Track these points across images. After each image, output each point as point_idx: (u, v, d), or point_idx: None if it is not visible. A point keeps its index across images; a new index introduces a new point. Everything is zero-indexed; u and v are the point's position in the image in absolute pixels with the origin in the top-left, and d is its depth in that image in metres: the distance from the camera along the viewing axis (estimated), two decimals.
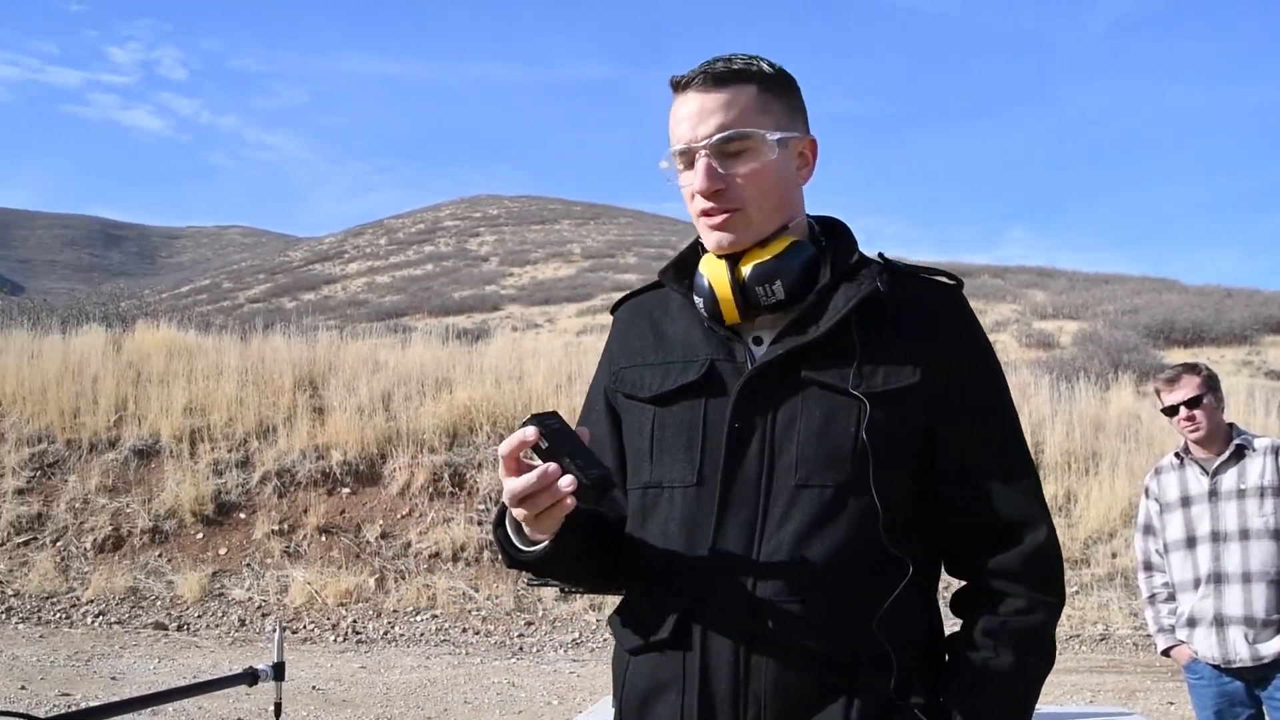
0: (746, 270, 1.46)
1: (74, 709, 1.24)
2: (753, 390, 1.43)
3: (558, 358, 12.84)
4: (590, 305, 37.24)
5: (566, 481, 1.27)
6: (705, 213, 1.47)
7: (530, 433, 1.29)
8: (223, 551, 10.21)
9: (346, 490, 10.78)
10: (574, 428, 1.35)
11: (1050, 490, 10.66)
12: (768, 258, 1.45)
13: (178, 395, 11.60)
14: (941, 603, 1.54)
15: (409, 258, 57.48)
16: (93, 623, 9.21)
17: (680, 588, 1.42)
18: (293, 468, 10.92)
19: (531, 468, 1.31)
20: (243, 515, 10.59)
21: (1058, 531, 1.46)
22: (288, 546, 10.22)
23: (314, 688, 7.35)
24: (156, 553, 10.18)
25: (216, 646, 8.70)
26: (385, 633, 9.16)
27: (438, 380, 11.96)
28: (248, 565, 10.08)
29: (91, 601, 9.50)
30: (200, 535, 10.37)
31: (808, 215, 1.56)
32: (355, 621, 9.33)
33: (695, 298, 1.51)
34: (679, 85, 1.48)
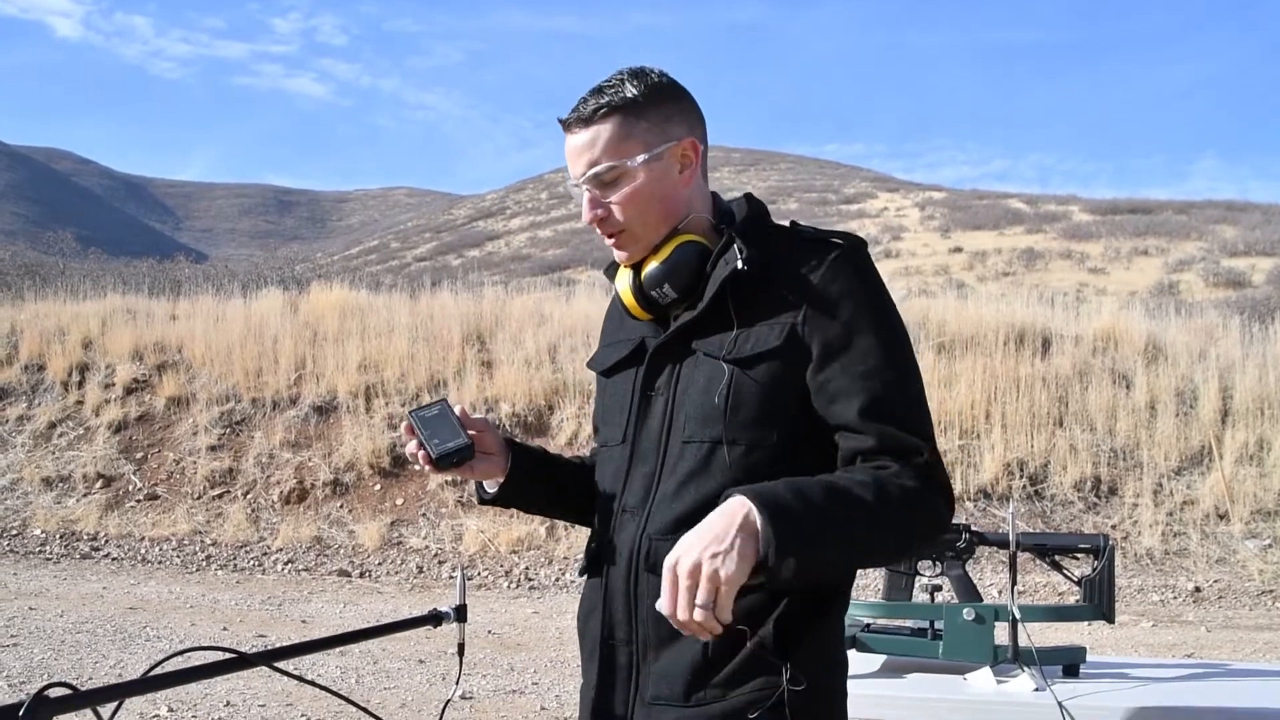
0: (643, 274, 1.67)
1: (274, 647, 1.35)
2: (658, 361, 1.66)
3: None
4: None
5: (420, 457, 1.68)
6: (602, 234, 1.68)
7: (403, 427, 1.73)
8: (399, 502, 10.55)
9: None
10: (454, 411, 1.71)
11: (1241, 438, 10.17)
12: (656, 264, 1.65)
13: (352, 353, 12.01)
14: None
15: (570, 211, 58.03)
16: (282, 570, 9.70)
17: (602, 527, 1.70)
18: None
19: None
20: (417, 467, 10.93)
21: (1249, 481, 1.49)
22: (461, 497, 10.49)
23: (489, 632, 7.52)
24: (338, 504, 10.63)
25: (397, 592, 9.01)
26: (556, 579, 9.35)
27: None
28: (424, 515, 10.40)
29: (280, 550, 10.02)
30: (378, 487, 10.77)
31: (725, 200, 1.73)
32: (527, 569, 9.54)
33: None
34: (563, 127, 1.66)
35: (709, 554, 1.34)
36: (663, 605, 1.35)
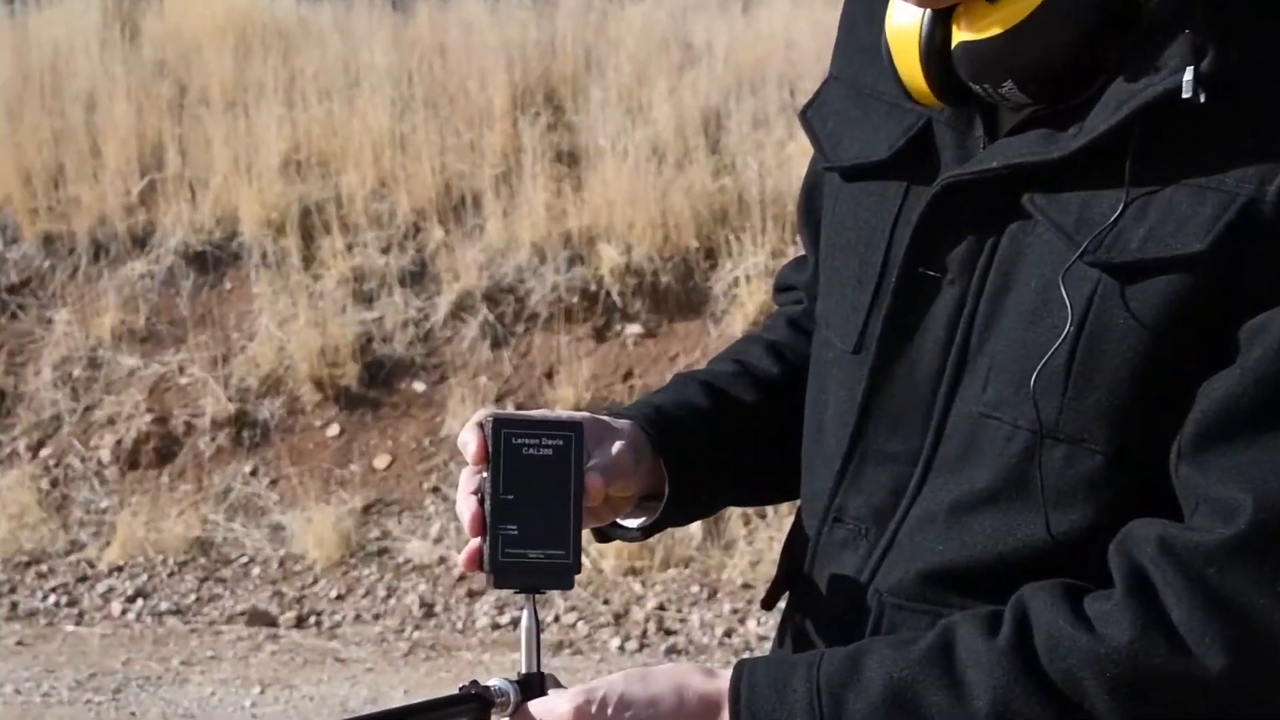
0: (954, 44, 1.64)
1: None
2: (953, 206, 1.67)
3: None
4: None
5: (466, 557, 1.74)
6: None
7: (472, 442, 1.72)
8: (377, 467, 10.50)
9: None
10: (580, 470, 1.72)
11: None
12: (990, 34, 1.59)
13: (268, 135, 11.62)
14: None
15: None
16: (130, 614, 9.73)
17: (801, 526, 1.88)
18: (523, 283, 11.03)
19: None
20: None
21: None
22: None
23: None
24: (244, 464, 10.49)
25: (374, 654, 9.18)
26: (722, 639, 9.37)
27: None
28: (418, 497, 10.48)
29: (120, 570, 9.89)
30: (331, 429, 10.70)
31: None
32: (664, 609, 9.63)
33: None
34: None
35: None
36: None
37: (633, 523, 1.89)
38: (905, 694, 1.50)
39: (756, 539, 9.92)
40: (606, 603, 9.70)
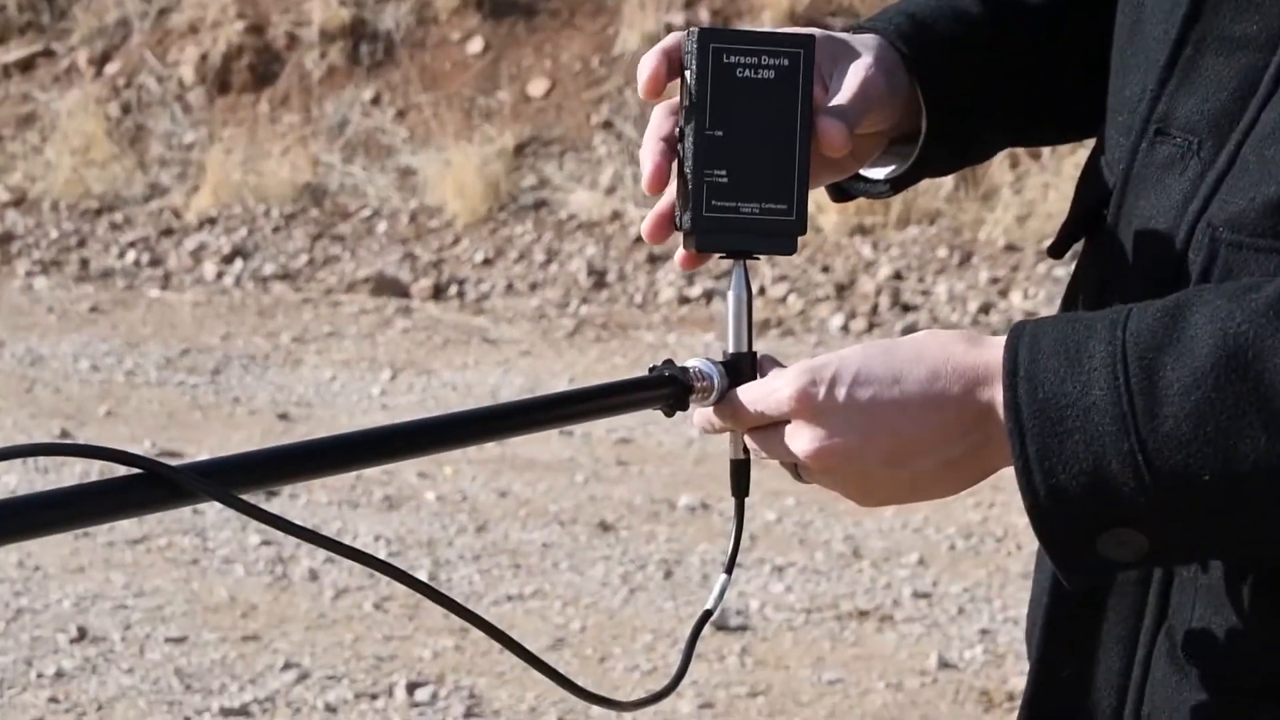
0: None
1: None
2: None
3: None
4: None
5: (651, 221, 1.61)
6: None
7: (648, 65, 1.53)
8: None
9: None
10: (809, 100, 1.53)
11: None
12: None
13: None
14: None
15: None
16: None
17: (1094, 168, 1.68)
18: None
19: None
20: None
21: None
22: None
23: None
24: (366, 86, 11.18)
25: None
26: None
27: None
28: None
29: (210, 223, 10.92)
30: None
31: None
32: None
33: None
34: None
35: (855, 454, 1.44)
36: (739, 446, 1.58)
37: (878, 173, 1.67)
38: (1243, 356, 1.24)
39: (1026, 187, 9.58)
40: (826, 270, 9.45)
